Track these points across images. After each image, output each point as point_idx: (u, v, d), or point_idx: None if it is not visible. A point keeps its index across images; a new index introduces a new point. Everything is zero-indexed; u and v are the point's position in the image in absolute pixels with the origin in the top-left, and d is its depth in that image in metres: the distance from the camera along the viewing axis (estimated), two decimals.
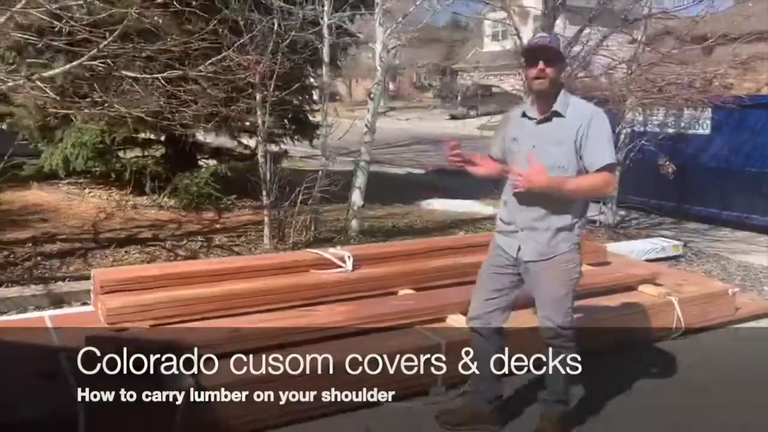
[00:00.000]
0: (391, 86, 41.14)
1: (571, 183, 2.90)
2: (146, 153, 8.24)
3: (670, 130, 8.75)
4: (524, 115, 3.02)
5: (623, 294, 4.68)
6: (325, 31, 5.70)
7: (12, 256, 5.32)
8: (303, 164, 10.21)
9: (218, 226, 6.90)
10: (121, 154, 7.91)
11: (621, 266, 5.16)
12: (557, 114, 2.93)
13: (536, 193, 2.92)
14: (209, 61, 4.61)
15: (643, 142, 7.95)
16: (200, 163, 8.59)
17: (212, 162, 8.40)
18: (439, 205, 8.87)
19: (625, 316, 4.38)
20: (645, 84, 7.04)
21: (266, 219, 5.89)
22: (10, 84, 4.49)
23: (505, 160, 3.15)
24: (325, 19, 5.64)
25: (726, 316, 4.86)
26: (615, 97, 6.93)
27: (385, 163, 15.11)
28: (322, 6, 5.64)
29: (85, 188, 8.10)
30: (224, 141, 8.92)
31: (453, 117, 28.09)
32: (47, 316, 3.77)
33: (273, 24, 5.25)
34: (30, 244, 5.64)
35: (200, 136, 8.53)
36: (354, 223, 6.50)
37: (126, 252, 5.65)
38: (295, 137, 8.43)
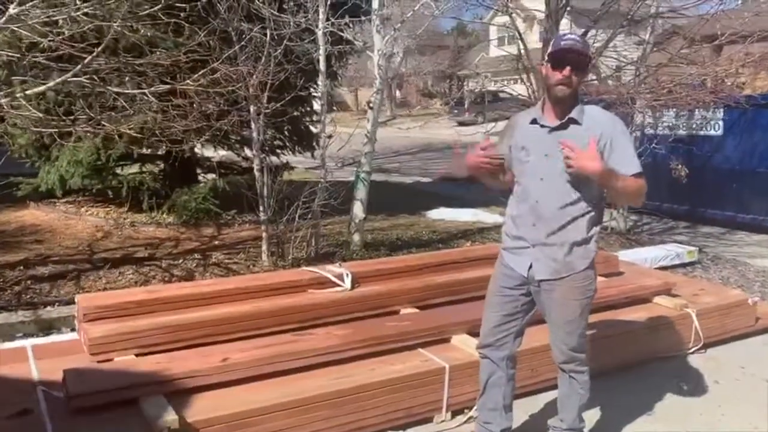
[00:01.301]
0: (398, 94, 41.03)
1: (620, 179, 2.66)
2: (144, 169, 8.08)
3: (682, 132, 8.53)
4: (534, 121, 2.81)
5: (637, 307, 4.46)
6: (320, 40, 5.51)
7: (1, 280, 5.15)
8: (309, 176, 10.02)
9: (217, 242, 6.72)
10: (119, 170, 7.75)
11: (634, 277, 4.92)
12: (574, 121, 2.72)
13: (551, 205, 2.72)
14: (197, 74, 4.43)
15: (653, 145, 7.73)
16: (200, 178, 8.43)
17: (212, 177, 8.22)
18: (445, 214, 8.65)
19: (639, 330, 4.15)
20: (654, 85, 6.81)
21: (264, 235, 5.70)
22: None
23: (509, 169, 2.95)
24: (320, 26, 5.45)
25: (747, 326, 4.63)
26: (623, 99, 6.71)
27: (393, 172, 14.95)
28: (317, 14, 5.45)
29: (82, 206, 7.96)
30: (226, 155, 8.77)
31: (461, 124, 27.87)
32: (29, 346, 3.58)
33: (265, 34, 5.07)
34: (21, 267, 5.47)
35: (203, 150, 8.39)
36: (356, 237, 6.30)
37: (120, 273, 5.47)
38: (296, 149, 8.26)
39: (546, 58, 2.71)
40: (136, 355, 3.32)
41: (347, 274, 4.13)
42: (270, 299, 3.87)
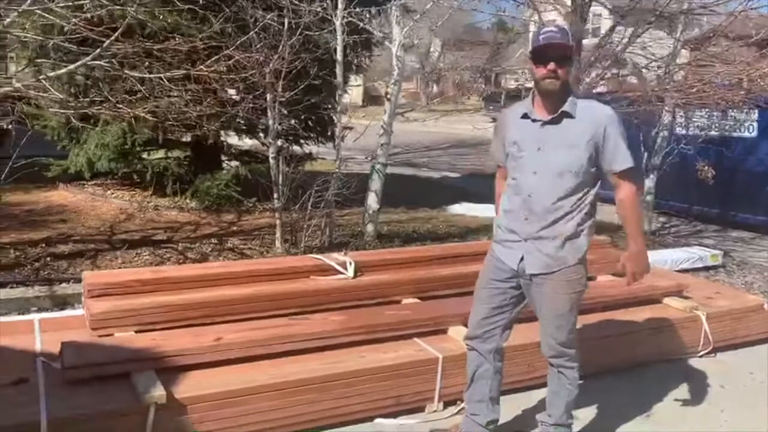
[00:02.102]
0: (434, 89, 40.83)
1: (635, 231, 2.83)
2: (169, 155, 8.24)
3: (714, 133, 8.31)
4: (525, 116, 2.78)
5: (646, 307, 4.37)
6: (338, 29, 5.52)
7: (23, 256, 5.32)
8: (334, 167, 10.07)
9: (235, 228, 6.81)
10: (145, 155, 7.92)
11: (646, 277, 4.80)
12: (567, 115, 2.69)
13: (543, 200, 2.71)
14: (210, 60, 4.49)
15: (682, 145, 7.56)
16: (225, 165, 8.55)
17: (236, 164, 8.34)
18: (464, 209, 8.60)
19: (644, 331, 4.08)
20: (682, 84, 6.64)
21: (278, 222, 5.76)
22: (16, 85, 4.46)
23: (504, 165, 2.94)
24: (339, 14, 5.45)
25: (761, 332, 4.51)
26: (651, 97, 6.56)
27: (422, 167, 14.91)
28: (335, 3, 5.45)
29: (109, 189, 8.15)
30: (256, 144, 8.86)
31: (495, 120, 27.59)
32: (37, 319, 3.69)
33: (282, 23, 5.10)
34: (43, 245, 5.64)
35: (226, 138, 8.50)
36: (369, 228, 6.31)
37: (137, 254, 5.60)
38: (319, 139, 8.30)
39: (528, 54, 2.68)
40: (136, 332, 3.39)
41: (350, 263, 4.15)
42: (271, 284, 3.91)
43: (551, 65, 2.59)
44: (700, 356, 4.24)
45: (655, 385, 3.81)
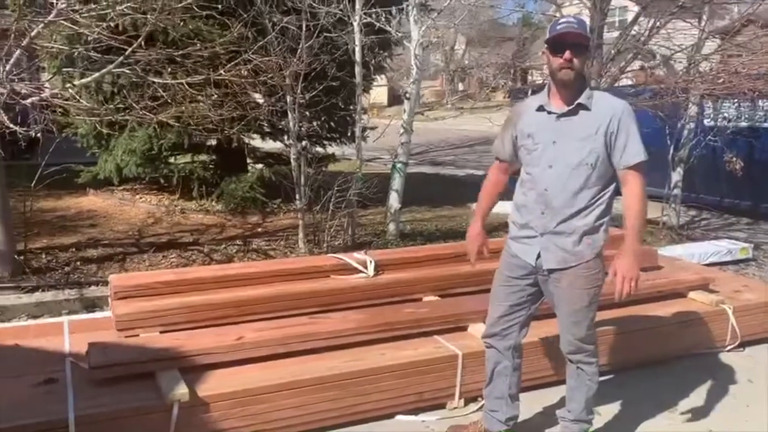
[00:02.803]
0: (460, 86, 40.71)
1: (637, 226, 2.65)
2: (195, 159, 8.37)
3: (743, 124, 8.15)
4: (541, 108, 2.77)
5: (671, 302, 4.32)
6: (356, 30, 5.55)
7: (54, 261, 5.47)
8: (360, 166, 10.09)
9: (260, 230, 6.90)
10: (171, 160, 8.05)
11: (671, 271, 4.76)
12: (583, 107, 2.67)
13: (560, 193, 2.68)
14: (231, 64, 4.56)
15: (709, 137, 7.43)
16: (250, 168, 8.65)
17: (260, 166, 8.43)
18: None
19: (670, 325, 4.02)
20: (707, 75, 6.53)
21: (300, 223, 5.82)
22: (44, 94, 4.58)
23: (514, 161, 2.93)
24: (357, 15, 5.48)
25: None
26: (676, 89, 6.46)
27: (447, 165, 14.88)
28: (353, 4, 5.49)
29: (137, 194, 8.31)
30: (278, 145, 8.94)
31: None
32: (66, 321, 3.80)
33: (300, 26, 5.16)
34: (73, 249, 5.79)
35: (250, 140, 8.60)
36: (392, 227, 6.34)
37: (164, 257, 5.71)
38: (341, 140, 8.35)
39: (545, 44, 2.67)
40: (161, 333, 3.47)
41: (371, 261, 4.18)
42: (292, 283, 3.96)
43: (567, 54, 2.57)
44: (728, 350, 4.18)
45: (680, 379, 3.77)
